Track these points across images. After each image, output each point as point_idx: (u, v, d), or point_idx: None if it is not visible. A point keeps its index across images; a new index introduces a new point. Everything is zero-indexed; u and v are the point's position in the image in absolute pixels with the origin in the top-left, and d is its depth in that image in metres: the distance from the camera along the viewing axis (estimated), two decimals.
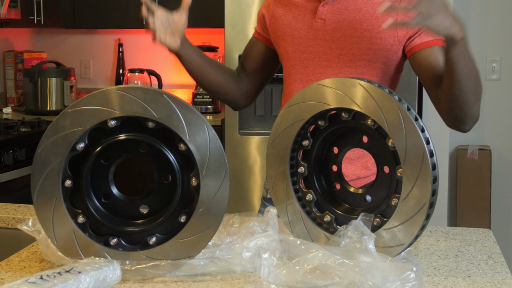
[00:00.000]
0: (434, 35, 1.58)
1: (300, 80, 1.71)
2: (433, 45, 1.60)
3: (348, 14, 1.66)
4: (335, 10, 1.67)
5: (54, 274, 1.12)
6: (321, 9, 1.68)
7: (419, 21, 1.34)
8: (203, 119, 1.22)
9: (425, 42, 1.60)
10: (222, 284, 1.21)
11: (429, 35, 1.60)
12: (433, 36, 1.59)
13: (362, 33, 1.64)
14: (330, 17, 1.67)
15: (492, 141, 3.76)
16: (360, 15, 1.65)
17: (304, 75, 1.71)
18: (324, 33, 1.68)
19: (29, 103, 3.89)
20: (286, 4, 1.76)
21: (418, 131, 1.20)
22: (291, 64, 1.74)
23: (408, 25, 1.36)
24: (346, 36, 1.65)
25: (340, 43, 1.66)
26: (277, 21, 1.76)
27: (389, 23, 1.35)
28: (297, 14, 1.72)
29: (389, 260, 1.16)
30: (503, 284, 1.21)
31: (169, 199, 1.25)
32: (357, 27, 1.65)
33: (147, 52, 4.25)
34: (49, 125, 1.25)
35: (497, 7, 3.70)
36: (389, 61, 1.66)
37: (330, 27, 1.67)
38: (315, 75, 1.69)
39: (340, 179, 1.37)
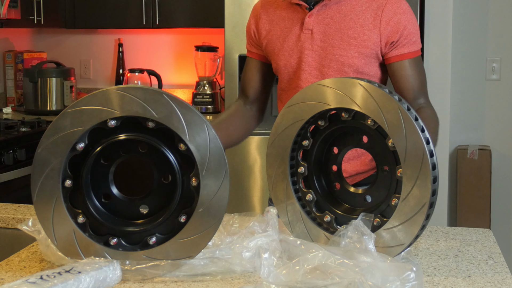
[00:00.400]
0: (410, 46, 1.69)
1: (295, 89, 1.72)
2: (406, 58, 1.69)
3: (333, 23, 1.69)
4: (321, 20, 1.70)
5: (54, 274, 1.12)
6: (307, 20, 1.71)
7: None
8: (203, 119, 1.22)
9: (400, 54, 1.69)
10: (222, 284, 1.20)
11: (405, 46, 1.68)
12: (408, 47, 1.69)
13: (349, 41, 1.68)
14: (317, 27, 1.71)
15: (492, 141, 3.76)
16: (345, 23, 1.68)
17: (298, 85, 1.74)
18: (312, 43, 1.71)
19: (29, 103, 3.89)
20: (272, 19, 1.78)
21: (418, 131, 1.20)
22: (286, 75, 1.77)
23: None
24: (334, 45, 1.69)
25: (328, 52, 1.70)
26: (267, 38, 1.79)
27: None
28: (284, 28, 1.75)
29: (389, 260, 1.16)
30: (503, 284, 1.21)
31: (169, 199, 1.25)
32: (343, 35, 1.68)
33: (147, 52, 4.25)
34: (49, 125, 1.25)
35: (497, 7, 3.70)
36: (377, 67, 1.72)
37: (317, 37, 1.71)
38: (307, 84, 1.69)
39: (340, 179, 1.37)
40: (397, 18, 1.67)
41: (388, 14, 1.67)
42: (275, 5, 1.80)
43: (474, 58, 3.75)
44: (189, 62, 4.12)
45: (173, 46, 4.20)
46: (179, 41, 4.19)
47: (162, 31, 4.09)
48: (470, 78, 3.75)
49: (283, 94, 1.81)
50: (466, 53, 3.74)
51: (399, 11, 1.67)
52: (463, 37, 3.73)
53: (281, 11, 1.77)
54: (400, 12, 1.68)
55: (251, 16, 1.86)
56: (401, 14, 1.68)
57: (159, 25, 3.83)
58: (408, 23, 1.68)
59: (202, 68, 3.90)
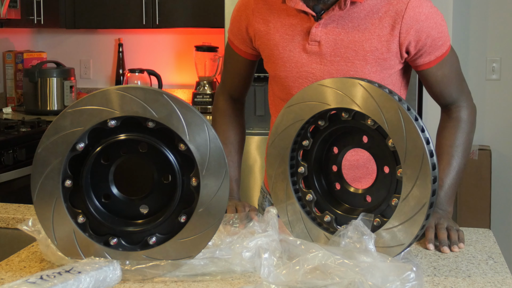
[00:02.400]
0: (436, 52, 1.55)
1: None
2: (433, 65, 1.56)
3: (345, 34, 1.51)
4: (330, 30, 1.51)
5: (54, 274, 1.12)
6: (314, 31, 1.51)
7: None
8: (203, 119, 1.22)
9: (426, 63, 1.56)
10: (222, 284, 1.20)
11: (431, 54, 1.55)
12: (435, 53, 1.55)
13: (365, 55, 1.50)
14: (325, 38, 1.52)
15: (492, 141, 3.76)
16: (360, 33, 1.50)
17: None
18: (321, 57, 1.53)
19: (29, 103, 3.90)
20: (268, 20, 1.58)
21: (418, 131, 1.20)
22: (286, 86, 1.60)
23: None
24: (347, 60, 1.51)
25: (340, 67, 1.52)
26: (262, 40, 1.60)
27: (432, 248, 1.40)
28: (284, 34, 1.56)
29: (389, 260, 1.16)
30: (503, 284, 1.21)
31: (169, 199, 1.25)
32: (358, 48, 1.50)
33: (147, 52, 4.25)
34: (49, 125, 1.25)
35: (497, 7, 3.70)
36: (396, 80, 1.60)
37: (327, 50, 1.52)
38: None
39: (340, 179, 1.37)
40: (419, 26, 1.49)
41: (408, 22, 1.49)
42: (270, 7, 1.59)
43: (474, 58, 3.75)
44: (189, 62, 4.12)
45: (173, 46, 4.21)
46: (179, 41, 4.19)
47: (162, 31, 4.09)
48: (470, 78, 3.75)
49: (280, 103, 1.63)
50: (466, 53, 3.74)
51: (421, 17, 1.49)
52: (463, 37, 3.73)
53: (279, 15, 1.56)
54: (422, 19, 1.49)
55: (241, 9, 1.65)
56: (423, 21, 1.49)
57: (159, 25, 3.83)
58: (431, 30, 1.51)
59: (202, 68, 3.90)
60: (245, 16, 1.64)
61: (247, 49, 1.68)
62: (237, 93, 1.78)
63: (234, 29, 1.69)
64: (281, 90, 1.63)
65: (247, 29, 1.64)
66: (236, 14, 1.69)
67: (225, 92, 1.78)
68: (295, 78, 1.57)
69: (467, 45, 3.74)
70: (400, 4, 1.50)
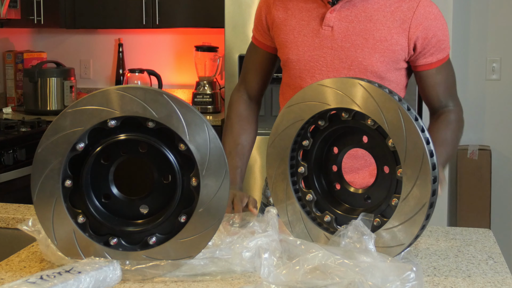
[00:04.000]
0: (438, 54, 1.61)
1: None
2: (433, 67, 1.62)
3: (358, 22, 1.58)
4: (344, 17, 1.59)
5: (54, 274, 1.12)
6: (328, 16, 1.59)
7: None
8: (203, 119, 1.22)
9: (427, 64, 1.62)
10: (222, 284, 1.20)
11: (433, 55, 1.61)
12: (436, 55, 1.61)
13: (374, 44, 1.57)
14: (338, 24, 1.59)
15: (492, 141, 3.76)
16: (372, 23, 1.57)
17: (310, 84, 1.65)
18: (332, 41, 1.59)
19: (29, 103, 3.90)
20: (288, 7, 1.66)
21: (418, 131, 1.20)
22: (296, 72, 1.65)
23: None
24: (357, 47, 1.57)
25: (350, 54, 1.58)
26: (279, 27, 1.67)
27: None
28: (300, 20, 1.63)
29: (389, 260, 1.16)
30: (503, 284, 1.21)
31: (169, 199, 1.25)
32: (368, 37, 1.57)
33: (147, 52, 4.25)
34: (49, 125, 1.25)
35: (497, 7, 3.70)
36: (401, 73, 1.64)
37: (338, 35, 1.59)
38: None
39: (340, 179, 1.37)
40: (428, 23, 1.57)
41: (418, 18, 1.56)
42: None
43: (474, 58, 3.75)
44: (189, 62, 4.12)
45: (173, 46, 4.21)
46: (179, 41, 4.19)
47: (162, 31, 4.09)
48: (470, 78, 3.75)
49: (289, 91, 1.69)
50: (466, 53, 3.74)
51: (430, 16, 1.57)
52: (463, 37, 3.73)
53: (298, 2, 1.64)
54: (431, 18, 1.57)
55: (262, 1, 1.73)
56: (432, 20, 1.57)
57: (159, 25, 3.83)
58: (438, 30, 1.59)
59: (202, 68, 3.90)
60: (266, 6, 1.71)
61: (266, 41, 1.74)
62: (255, 90, 1.81)
63: (256, 21, 1.76)
64: (290, 76, 1.68)
65: (266, 17, 1.71)
66: (258, 6, 1.75)
67: (242, 89, 1.82)
68: (307, 61, 1.63)
69: (467, 45, 3.74)
70: (412, 2, 1.58)
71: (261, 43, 1.76)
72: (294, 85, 1.67)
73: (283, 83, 1.74)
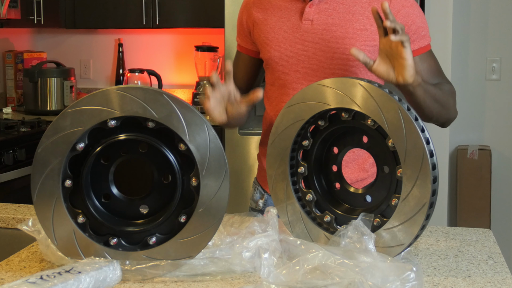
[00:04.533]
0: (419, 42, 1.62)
1: (291, 84, 1.66)
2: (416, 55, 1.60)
3: (337, 14, 1.61)
4: (323, 10, 1.62)
5: (54, 274, 1.12)
6: (308, 10, 1.62)
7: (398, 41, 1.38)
8: (203, 119, 1.22)
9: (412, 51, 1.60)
10: (222, 284, 1.21)
11: (414, 42, 1.61)
12: (418, 43, 1.62)
13: (355, 33, 1.59)
14: (318, 18, 1.62)
15: (492, 141, 3.76)
16: (350, 14, 1.60)
17: (294, 79, 1.65)
18: (313, 34, 1.62)
19: (29, 103, 3.90)
20: (267, 8, 1.69)
21: (418, 131, 1.20)
22: (279, 68, 1.67)
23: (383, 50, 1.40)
24: (338, 37, 1.60)
25: (331, 45, 1.61)
26: (259, 27, 1.69)
27: (356, 52, 1.40)
28: (280, 17, 1.66)
29: (389, 260, 1.16)
30: (503, 284, 1.21)
31: (169, 199, 1.25)
32: (348, 27, 1.60)
33: (147, 52, 4.25)
34: (49, 125, 1.25)
35: (497, 7, 3.70)
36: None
37: (319, 28, 1.61)
38: (307, 78, 1.64)
39: (340, 179, 1.37)
40: (405, 11, 1.60)
41: (396, 6, 1.59)
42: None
43: (474, 58, 3.75)
44: (189, 62, 4.12)
45: (173, 46, 4.21)
46: (179, 41, 4.19)
47: (162, 31, 4.09)
48: (470, 78, 3.75)
49: (274, 90, 1.71)
50: (466, 53, 3.74)
51: (407, 3, 1.61)
52: (463, 37, 3.73)
53: (276, 0, 1.68)
54: (408, 5, 1.61)
55: (242, 6, 1.76)
56: (409, 7, 1.60)
57: (159, 25, 3.83)
58: (416, 17, 1.61)
59: (202, 68, 3.90)
60: (246, 10, 1.75)
61: (250, 46, 1.76)
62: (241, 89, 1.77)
63: (238, 27, 1.79)
64: (274, 74, 1.69)
65: (246, 21, 1.74)
66: (239, 12, 1.78)
67: None
68: (289, 56, 1.65)
69: (467, 45, 3.74)
70: None
71: (246, 49, 1.78)
72: (278, 82, 1.69)
73: (267, 84, 1.74)
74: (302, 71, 1.64)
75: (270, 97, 1.73)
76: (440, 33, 3.37)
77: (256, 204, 1.79)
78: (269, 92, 1.74)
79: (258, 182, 1.83)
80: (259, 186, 1.82)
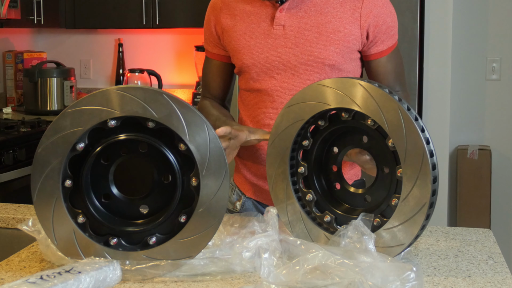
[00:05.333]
0: (388, 41, 1.63)
1: (266, 91, 1.64)
2: (384, 55, 1.64)
3: (309, 17, 1.58)
4: (294, 14, 1.59)
5: (54, 274, 1.12)
6: (278, 15, 1.59)
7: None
8: (203, 119, 1.22)
9: (379, 52, 1.63)
10: (222, 284, 1.21)
11: (384, 43, 1.63)
12: (387, 42, 1.63)
13: (328, 36, 1.57)
14: (289, 22, 1.59)
15: (492, 141, 3.76)
16: (323, 16, 1.58)
17: (270, 86, 1.63)
18: (286, 39, 1.59)
19: (29, 103, 3.90)
20: (235, 13, 1.65)
21: (418, 131, 1.20)
22: (253, 75, 1.64)
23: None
24: (311, 41, 1.58)
25: (305, 49, 1.58)
26: (229, 34, 1.66)
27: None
28: (250, 23, 1.63)
29: (389, 260, 1.16)
30: (503, 284, 1.21)
31: (169, 199, 1.25)
32: (322, 30, 1.58)
33: (147, 52, 4.25)
34: (49, 125, 1.25)
35: (497, 7, 3.70)
36: (357, 63, 1.65)
37: (291, 33, 1.59)
38: (282, 84, 1.62)
39: (340, 179, 1.37)
40: (377, 10, 1.59)
41: (368, 6, 1.58)
42: (236, 1, 1.66)
43: (474, 58, 3.75)
44: (189, 62, 4.12)
45: (173, 46, 4.21)
46: (179, 41, 4.19)
47: (162, 31, 4.09)
48: (470, 78, 3.75)
49: (249, 95, 1.68)
50: (466, 53, 3.74)
51: (379, 3, 1.60)
52: (463, 37, 3.73)
53: (244, 6, 1.64)
54: (379, 5, 1.60)
55: (209, 12, 1.72)
56: (380, 7, 1.60)
57: (159, 25, 3.83)
58: (387, 17, 1.61)
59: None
60: (214, 16, 1.71)
61: (219, 51, 1.73)
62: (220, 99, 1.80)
63: (206, 34, 1.75)
64: (248, 80, 1.67)
65: (215, 27, 1.70)
66: (206, 19, 1.74)
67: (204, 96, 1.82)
68: (262, 63, 1.62)
69: (467, 45, 3.74)
70: None
71: (215, 55, 1.75)
72: (253, 88, 1.66)
73: (241, 89, 1.72)
74: (278, 77, 1.62)
75: (246, 102, 1.71)
76: (440, 33, 3.37)
77: (233, 206, 1.76)
78: (244, 97, 1.72)
79: (235, 184, 1.80)
80: (237, 187, 1.79)
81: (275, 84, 1.62)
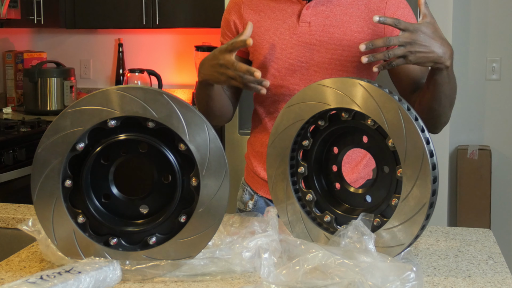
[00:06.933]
0: None
1: (288, 87, 1.64)
2: None
3: (334, 16, 1.61)
4: (320, 12, 1.61)
5: (54, 274, 1.12)
6: (304, 12, 1.61)
7: (403, 53, 1.39)
8: (203, 119, 1.22)
9: None
10: (222, 284, 1.21)
11: None
12: None
13: (352, 35, 1.59)
14: (315, 20, 1.61)
15: (492, 141, 3.76)
16: (347, 16, 1.60)
17: (291, 82, 1.64)
18: (310, 37, 1.61)
19: (29, 103, 3.90)
20: (259, 9, 1.67)
21: (418, 131, 1.20)
22: (275, 71, 1.65)
23: (391, 63, 1.40)
24: (336, 40, 1.60)
25: (329, 47, 1.60)
26: (253, 29, 1.64)
27: (366, 60, 1.40)
28: (275, 19, 1.64)
29: (389, 260, 1.16)
30: (503, 284, 1.21)
31: (169, 199, 1.25)
32: (346, 29, 1.60)
33: (147, 52, 4.25)
34: (49, 125, 1.25)
35: (497, 7, 3.71)
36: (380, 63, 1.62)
37: (316, 30, 1.61)
38: (304, 81, 1.63)
39: (340, 179, 1.37)
40: (401, 12, 1.61)
41: (391, 8, 1.61)
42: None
43: (474, 58, 3.75)
44: (189, 62, 4.12)
45: (173, 46, 4.21)
46: (179, 41, 4.19)
47: (162, 31, 4.09)
48: (470, 78, 3.75)
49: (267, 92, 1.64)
50: (466, 53, 3.74)
51: (401, 5, 1.63)
52: (463, 37, 3.73)
53: (269, 2, 1.66)
54: (402, 7, 1.62)
55: (230, 7, 1.72)
56: (403, 9, 1.62)
57: (159, 25, 3.83)
58: (411, 19, 1.62)
59: None
60: (235, 11, 1.71)
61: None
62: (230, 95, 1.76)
63: (224, 28, 1.75)
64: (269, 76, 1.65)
65: (235, 22, 1.70)
66: (225, 13, 1.74)
67: None
68: (285, 59, 1.63)
69: (467, 45, 3.74)
70: None
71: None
72: (273, 85, 1.66)
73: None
74: (299, 74, 1.63)
75: (263, 98, 1.70)
76: None
77: (245, 206, 1.76)
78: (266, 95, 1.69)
79: (247, 183, 1.81)
80: (248, 187, 1.80)
81: (296, 80, 1.64)
